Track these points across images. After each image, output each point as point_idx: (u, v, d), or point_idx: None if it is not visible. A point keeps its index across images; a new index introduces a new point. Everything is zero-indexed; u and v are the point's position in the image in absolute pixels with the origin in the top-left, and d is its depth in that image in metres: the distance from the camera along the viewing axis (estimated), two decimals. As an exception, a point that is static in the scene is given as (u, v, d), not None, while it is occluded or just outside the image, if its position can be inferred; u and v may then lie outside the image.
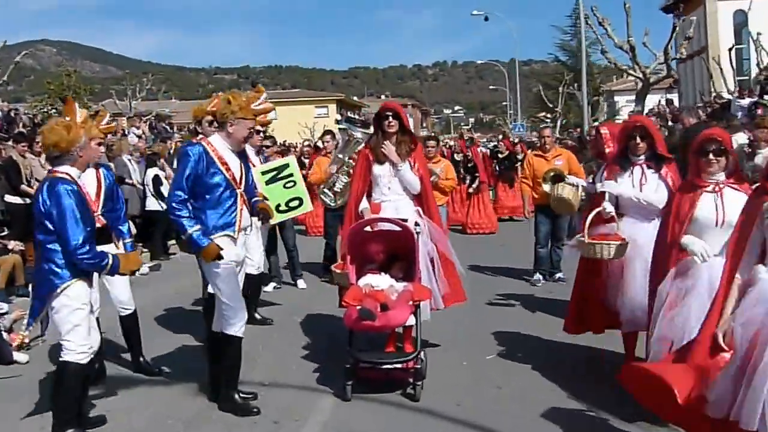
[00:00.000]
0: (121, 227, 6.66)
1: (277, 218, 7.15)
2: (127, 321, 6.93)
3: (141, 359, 7.03)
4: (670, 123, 15.97)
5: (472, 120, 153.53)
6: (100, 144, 6.60)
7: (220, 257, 5.59)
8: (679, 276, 5.04)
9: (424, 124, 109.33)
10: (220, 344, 5.91)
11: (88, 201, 5.41)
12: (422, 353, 6.12)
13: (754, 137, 11.81)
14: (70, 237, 4.99)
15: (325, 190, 10.67)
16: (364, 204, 7.00)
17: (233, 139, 5.79)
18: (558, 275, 11.00)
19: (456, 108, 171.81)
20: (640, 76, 18.00)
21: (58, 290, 5.12)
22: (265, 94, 5.88)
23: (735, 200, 4.93)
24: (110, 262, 5.24)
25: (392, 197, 6.97)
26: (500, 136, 32.04)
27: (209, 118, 7.57)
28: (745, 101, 18.13)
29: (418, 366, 5.91)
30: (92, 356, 5.38)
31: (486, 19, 45.35)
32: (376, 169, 7.01)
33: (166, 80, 61.04)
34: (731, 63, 27.86)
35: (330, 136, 12.73)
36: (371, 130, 8.00)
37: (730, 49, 27.40)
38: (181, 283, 11.24)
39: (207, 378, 6.22)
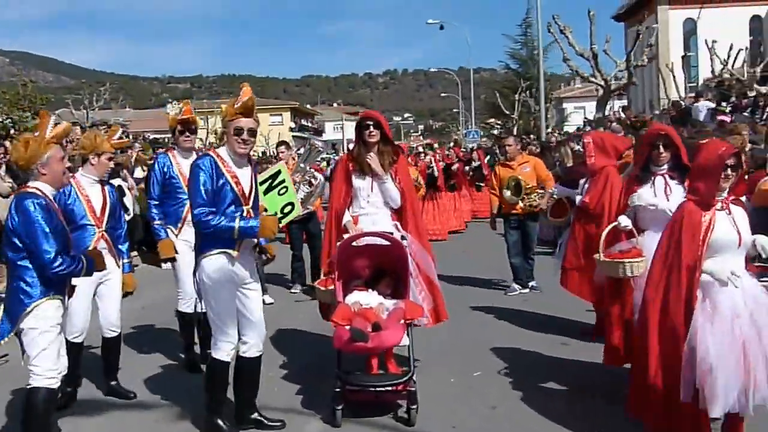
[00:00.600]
0: (120, 246, 6.43)
1: None
2: (111, 342, 6.50)
3: (113, 382, 6.53)
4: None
5: (421, 127, 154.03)
6: (110, 159, 6.34)
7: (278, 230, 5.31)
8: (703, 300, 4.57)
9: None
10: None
11: (59, 214, 4.96)
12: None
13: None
14: (43, 252, 4.64)
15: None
16: (347, 217, 6.57)
17: (229, 146, 5.31)
18: (531, 284, 10.70)
19: (406, 115, 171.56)
20: (602, 83, 17.84)
21: (27, 310, 4.71)
22: (246, 88, 5.34)
23: (742, 217, 4.62)
24: (84, 263, 4.89)
25: (370, 211, 6.56)
26: (451, 143, 31.79)
27: (180, 127, 7.13)
28: (705, 104, 18.09)
29: (412, 389, 5.47)
30: (61, 380, 4.96)
31: (441, 27, 45.31)
32: (356, 181, 6.59)
33: (120, 89, 59.91)
34: (682, 69, 28.09)
35: (285, 146, 12.31)
36: (324, 137, 7.89)
37: (684, 57, 27.54)
38: (148, 297, 10.66)
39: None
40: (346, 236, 6.26)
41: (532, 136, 29.11)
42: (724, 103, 20.23)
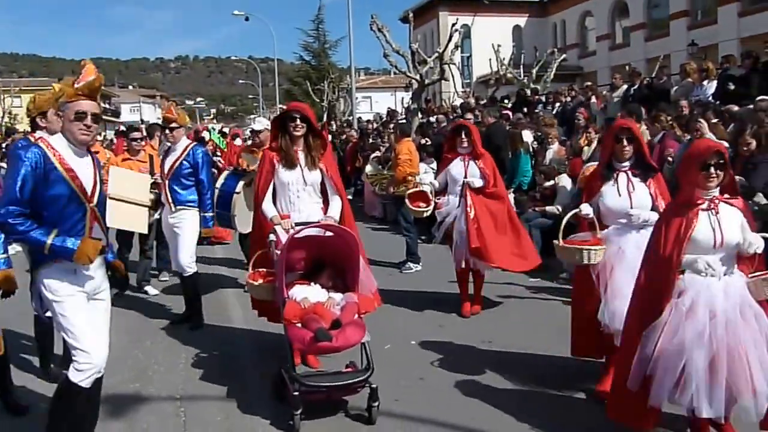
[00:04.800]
0: None
1: None
2: None
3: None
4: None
5: (213, 110, 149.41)
6: None
7: (103, 251, 3.99)
8: (678, 297, 4.03)
9: (157, 116, 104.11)
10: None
11: None
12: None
13: (543, 135, 11.82)
14: None
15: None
16: (272, 211, 5.58)
17: (67, 132, 3.97)
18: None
19: (198, 99, 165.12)
20: (417, 78, 17.65)
21: None
22: (89, 66, 4.10)
23: (731, 217, 4.04)
24: None
25: (301, 206, 5.64)
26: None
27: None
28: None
29: (374, 385, 4.66)
30: None
31: (246, 19, 43.34)
32: (284, 174, 5.60)
33: None
34: (459, 69, 28.88)
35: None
36: (121, 119, 7.07)
37: (468, 57, 28.31)
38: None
39: None
40: (279, 228, 5.36)
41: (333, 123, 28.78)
42: (506, 100, 20.77)
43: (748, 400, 3.77)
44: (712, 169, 3.99)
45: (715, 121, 9.27)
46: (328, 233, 5.12)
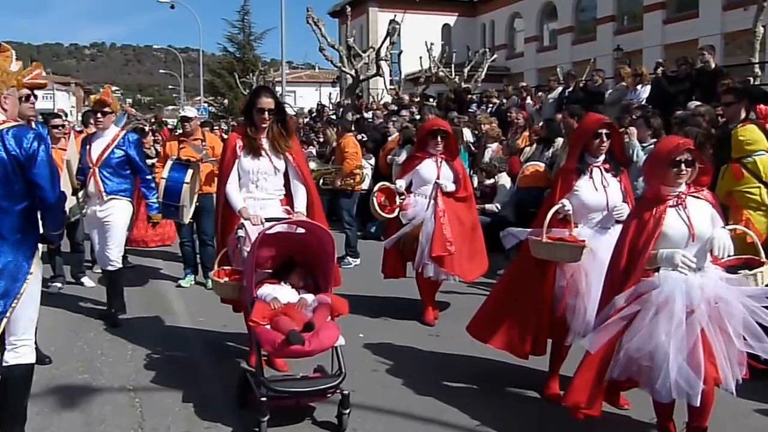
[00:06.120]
0: None
1: None
2: None
3: None
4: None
5: (129, 100, 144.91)
6: None
7: None
8: (644, 294, 3.97)
9: (87, 102, 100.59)
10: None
11: None
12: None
13: (483, 133, 11.93)
14: None
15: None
16: (240, 202, 5.27)
17: (15, 114, 3.90)
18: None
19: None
20: (352, 73, 17.52)
21: None
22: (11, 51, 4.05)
23: (699, 210, 4.04)
24: None
25: (259, 195, 5.37)
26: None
27: None
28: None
29: (346, 392, 4.44)
30: None
31: (172, 7, 41.96)
32: (248, 162, 5.30)
33: None
34: (389, 65, 28.82)
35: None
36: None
37: (400, 54, 28.34)
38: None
39: None
40: (247, 223, 5.12)
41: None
42: (431, 99, 20.80)
43: (729, 384, 3.83)
44: (683, 166, 4.00)
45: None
46: (300, 230, 4.88)
